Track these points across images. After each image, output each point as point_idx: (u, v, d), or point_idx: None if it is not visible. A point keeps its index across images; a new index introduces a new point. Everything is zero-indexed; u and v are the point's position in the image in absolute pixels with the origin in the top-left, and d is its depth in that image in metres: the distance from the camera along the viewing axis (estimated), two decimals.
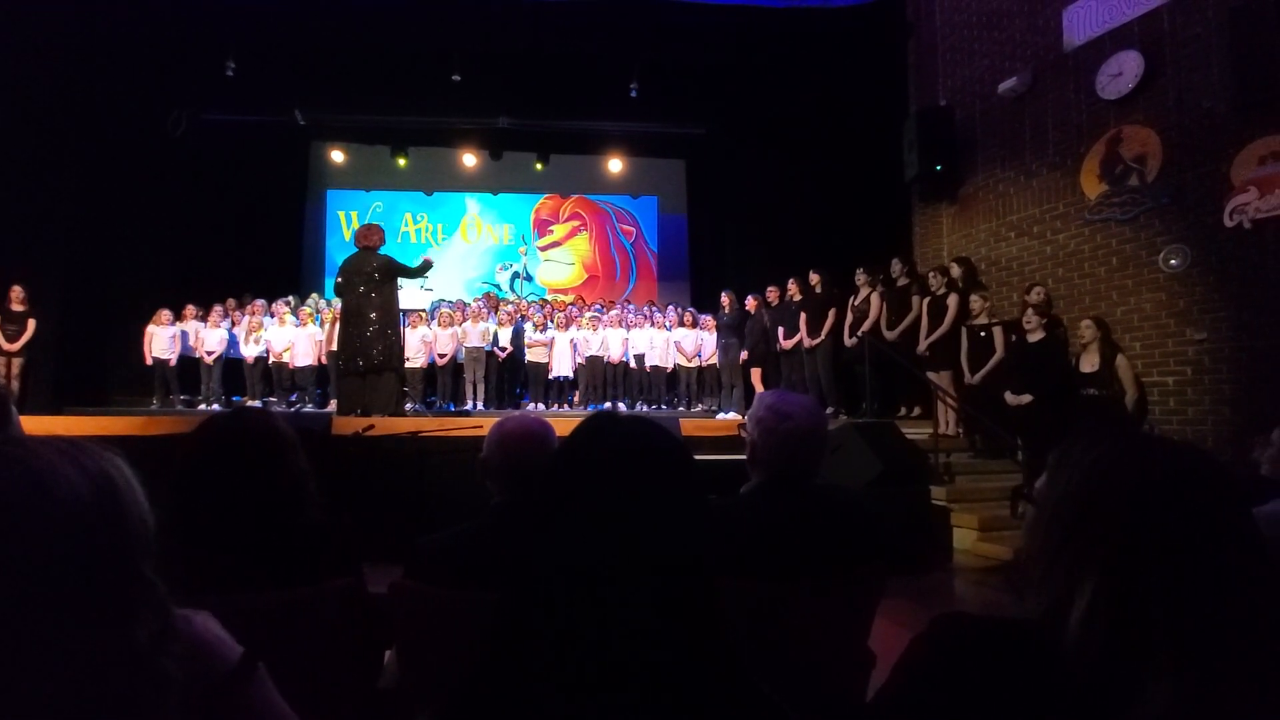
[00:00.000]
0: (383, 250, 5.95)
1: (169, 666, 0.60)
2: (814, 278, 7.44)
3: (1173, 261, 5.38)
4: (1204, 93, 5.22)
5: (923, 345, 6.52)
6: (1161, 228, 5.49)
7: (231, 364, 8.63)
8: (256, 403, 8.26)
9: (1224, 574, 0.65)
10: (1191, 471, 0.70)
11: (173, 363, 8.28)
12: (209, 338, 8.43)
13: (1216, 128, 5.15)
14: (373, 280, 5.74)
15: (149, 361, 8.27)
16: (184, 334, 8.44)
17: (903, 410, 7.06)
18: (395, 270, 5.86)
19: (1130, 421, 5.17)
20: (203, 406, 8.21)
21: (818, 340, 7.21)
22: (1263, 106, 4.85)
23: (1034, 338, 5.53)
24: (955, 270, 6.74)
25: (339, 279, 5.87)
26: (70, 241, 8.27)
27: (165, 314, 8.35)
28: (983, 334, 5.98)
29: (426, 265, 6.15)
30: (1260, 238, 4.86)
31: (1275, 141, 4.79)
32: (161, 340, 8.27)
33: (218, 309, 8.61)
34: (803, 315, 7.35)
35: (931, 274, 6.84)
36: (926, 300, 6.67)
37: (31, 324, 7.28)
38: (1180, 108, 5.39)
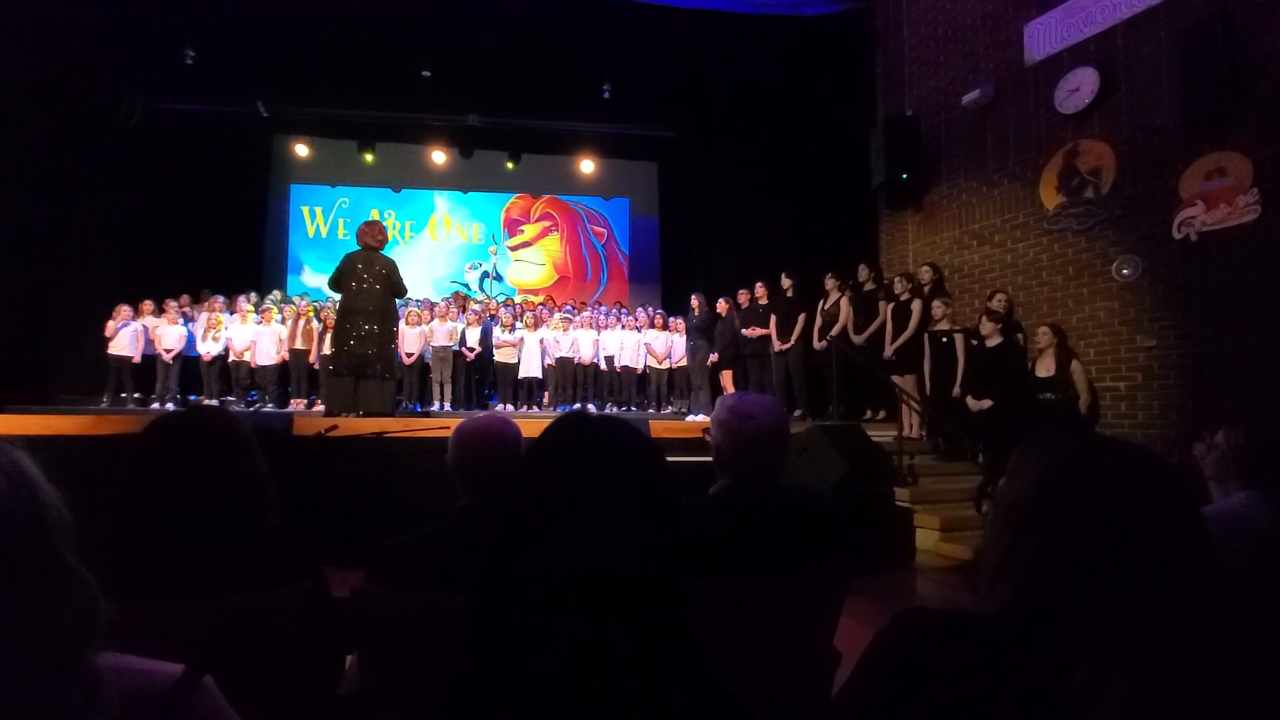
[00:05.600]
0: (384, 251, 5.82)
1: (95, 664, 0.58)
2: (786, 281, 7.54)
3: (1125, 271, 5.57)
4: (1155, 109, 5.43)
5: (889, 350, 6.65)
6: (1115, 238, 5.68)
7: (187, 362, 8.37)
8: (214, 402, 8.03)
9: (1172, 572, 0.67)
10: (1141, 471, 0.72)
11: (136, 359, 8.01)
12: (166, 335, 8.16)
13: (1166, 143, 5.35)
14: (373, 282, 5.61)
15: (116, 354, 7.97)
16: (145, 329, 8.16)
17: (868, 413, 7.18)
18: (394, 279, 5.74)
19: (1085, 425, 5.33)
20: (156, 406, 7.94)
21: (789, 344, 7.31)
22: (1208, 124, 5.06)
23: (991, 343, 5.68)
24: (925, 275, 6.89)
25: (338, 275, 5.67)
26: (13, 233, 7.91)
27: (125, 309, 8.06)
28: (944, 340, 6.12)
29: (405, 290, 6.02)
30: (1206, 250, 5.07)
31: (1220, 158, 5.00)
32: (123, 337, 7.98)
33: (173, 305, 8.33)
34: (773, 318, 7.44)
35: (897, 279, 6.98)
36: (891, 306, 6.81)
37: None
38: (1133, 123, 5.59)
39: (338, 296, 5.96)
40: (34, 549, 0.56)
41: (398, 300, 8.75)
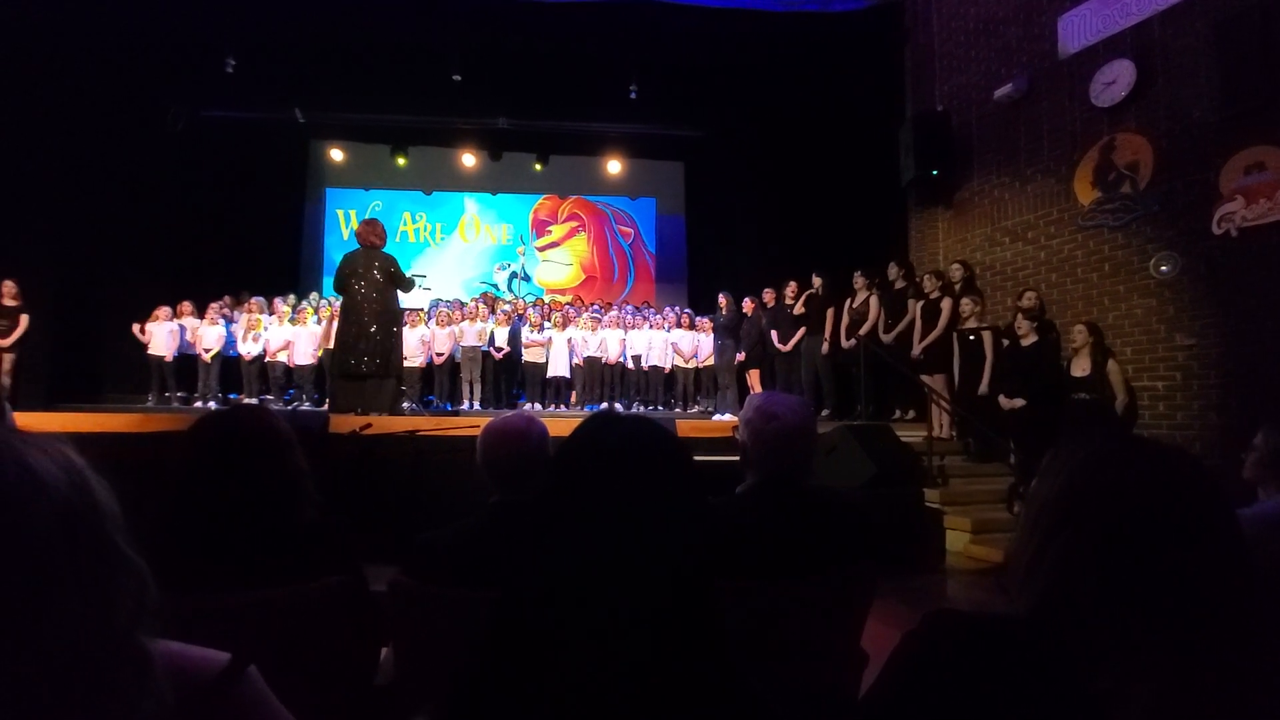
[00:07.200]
0: (385, 249, 5.83)
1: (145, 644, 0.61)
2: (816, 281, 7.50)
3: (1163, 268, 5.43)
4: (1193, 102, 5.28)
5: (917, 349, 6.57)
6: (1153, 234, 5.54)
7: (228, 362, 8.62)
8: (253, 401, 8.24)
9: (1204, 574, 0.67)
10: (1174, 472, 0.71)
11: (169, 358, 8.28)
12: (207, 335, 8.42)
13: (1205, 137, 5.20)
14: (374, 280, 5.61)
15: (153, 353, 8.26)
16: (181, 330, 8.43)
17: (897, 413, 7.10)
18: (394, 274, 5.76)
19: (1120, 425, 5.21)
20: (199, 404, 8.19)
21: (825, 344, 7.29)
22: (1248, 117, 4.91)
23: (1026, 342, 5.57)
24: (956, 273, 6.78)
25: (339, 275, 5.71)
26: (64, 237, 8.24)
27: (164, 310, 8.35)
28: (972, 338, 6.03)
29: (412, 283, 5.97)
30: (1246, 246, 4.91)
31: (1260, 152, 4.84)
32: (159, 337, 8.26)
33: (214, 306, 8.59)
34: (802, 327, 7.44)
35: (926, 277, 6.89)
36: (921, 304, 6.72)
37: (24, 320, 7.23)
38: (1171, 117, 5.44)
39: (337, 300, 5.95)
40: (91, 534, 0.59)
41: (429, 302, 8.85)
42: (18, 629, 0.54)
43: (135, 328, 8.28)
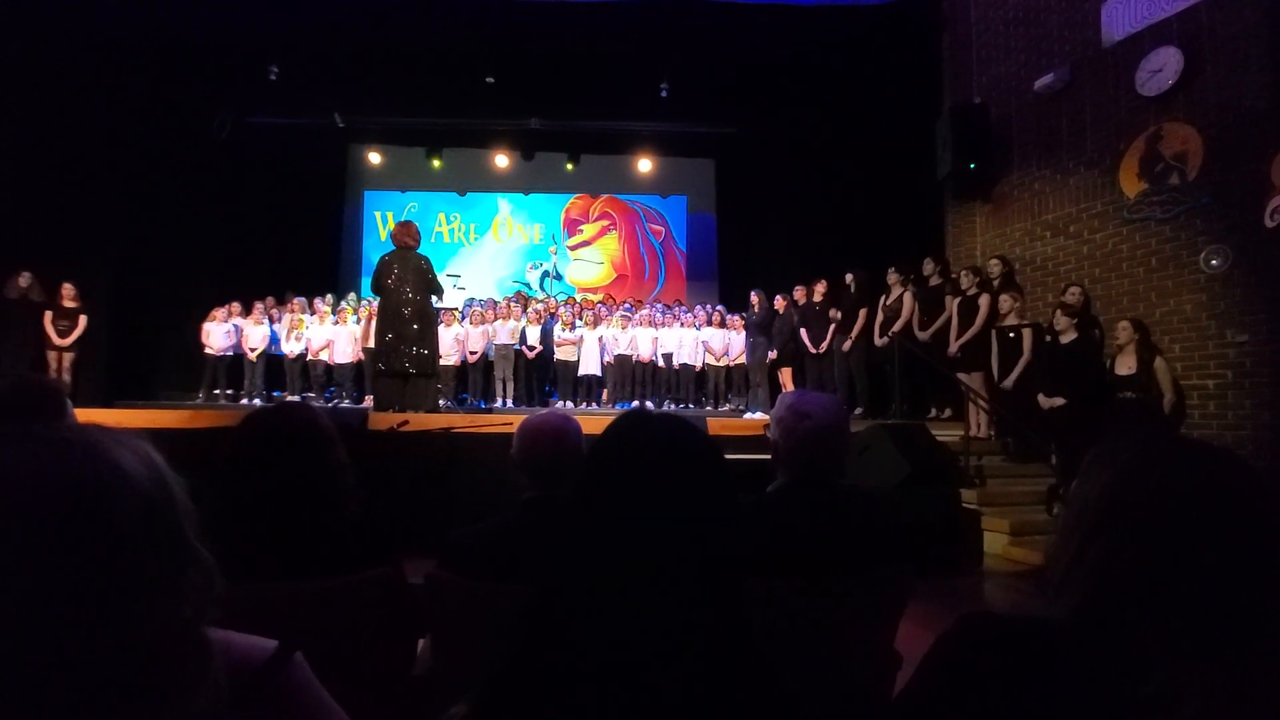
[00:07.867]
0: (420, 250, 5.93)
1: (208, 635, 0.64)
2: (849, 278, 7.42)
3: (1214, 262, 5.24)
4: (1243, 91, 5.09)
5: (954, 346, 6.44)
6: (1202, 227, 5.35)
7: (271, 360, 8.89)
8: (296, 398, 8.47)
9: (1251, 578, 0.65)
10: (1221, 474, 0.69)
11: (227, 355, 8.60)
12: (253, 334, 8.71)
13: (1256, 126, 5.02)
14: (410, 280, 5.72)
15: (210, 352, 8.61)
16: (236, 329, 8.73)
17: (933, 412, 6.97)
18: (430, 279, 5.87)
19: (1167, 425, 5.04)
20: (245, 401, 8.46)
21: (850, 341, 7.19)
22: None
23: (1066, 339, 5.42)
24: (994, 269, 6.63)
25: (377, 277, 5.84)
26: (119, 241, 8.60)
27: (220, 311, 8.66)
28: (1012, 335, 5.89)
29: (441, 289, 6.07)
30: None
31: None
32: (217, 336, 8.59)
33: (259, 306, 8.86)
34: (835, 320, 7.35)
35: (963, 273, 6.75)
36: (958, 300, 6.59)
37: (82, 320, 7.58)
38: (1220, 105, 5.25)
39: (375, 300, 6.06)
40: (168, 527, 0.63)
41: (463, 301, 8.96)
42: (95, 615, 0.56)
43: (203, 330, 8.59)
